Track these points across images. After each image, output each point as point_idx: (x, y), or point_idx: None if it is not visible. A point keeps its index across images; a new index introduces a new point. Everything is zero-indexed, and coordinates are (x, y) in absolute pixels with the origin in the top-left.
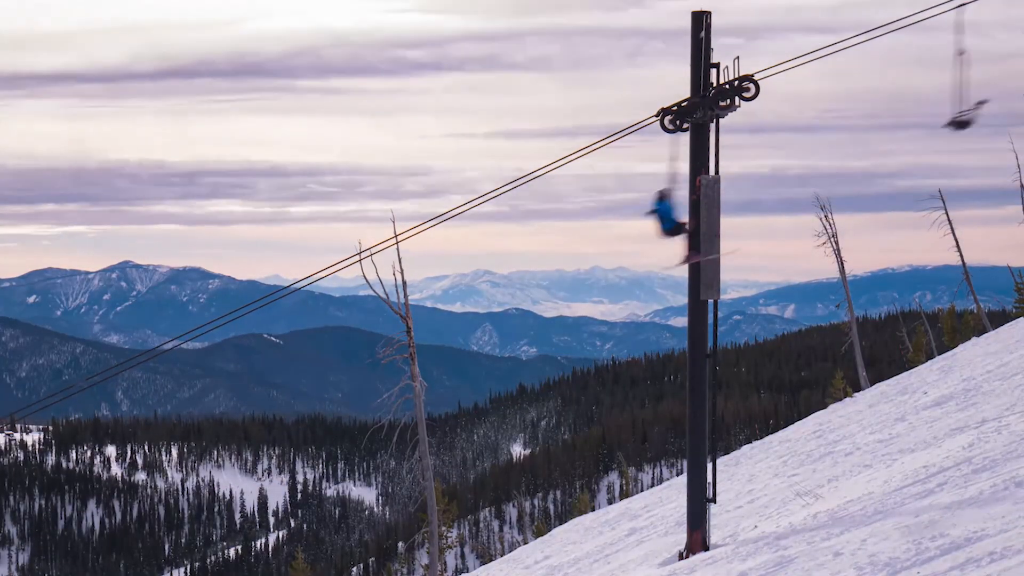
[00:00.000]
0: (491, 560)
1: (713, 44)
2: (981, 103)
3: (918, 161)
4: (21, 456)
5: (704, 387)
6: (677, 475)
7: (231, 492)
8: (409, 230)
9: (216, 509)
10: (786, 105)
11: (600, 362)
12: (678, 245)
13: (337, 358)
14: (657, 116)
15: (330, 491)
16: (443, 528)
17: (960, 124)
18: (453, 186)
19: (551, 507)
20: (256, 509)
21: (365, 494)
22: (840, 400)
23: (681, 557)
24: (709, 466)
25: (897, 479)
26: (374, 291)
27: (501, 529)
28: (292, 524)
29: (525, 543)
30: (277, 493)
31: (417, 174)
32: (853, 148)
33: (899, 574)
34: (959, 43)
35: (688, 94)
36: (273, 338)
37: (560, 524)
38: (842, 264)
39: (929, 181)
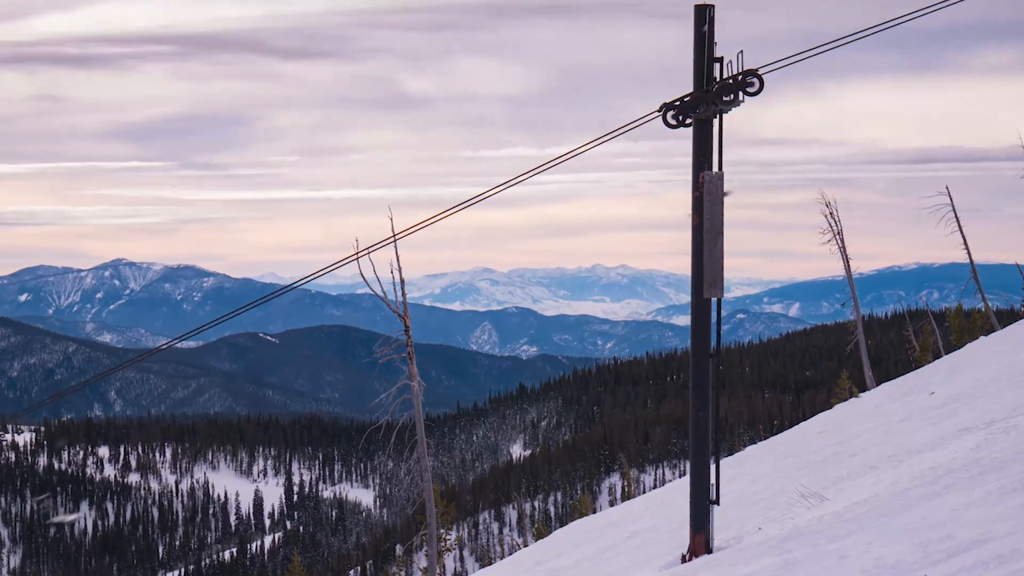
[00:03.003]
0: (490, 563)
1: None
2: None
3: None
4: (13, 457)
5: (707, 387)
6: (680, 476)
7: (226, 494)
8: (407, 229)
9: (211, 511)
10: None
11: (602, 361)
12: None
13: (334, 357)
14: (660, 111)
15: (327, 493)
16: (442, 530)
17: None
18: None
19: (552, 509)
20: (251, 511)
21: (362, 496)
22: (846, 400)
23: (684, 560)
24: (712, 467)
25: (904, 480)
26: (372, 289)
27: (501, 531)
28: (288, 526)
29: (525, 545)
30: (273, 495)
31: None
32: None
33: None
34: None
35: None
36: (269, 337)
37: (561, 526)
38: (847, 262)
39: None
